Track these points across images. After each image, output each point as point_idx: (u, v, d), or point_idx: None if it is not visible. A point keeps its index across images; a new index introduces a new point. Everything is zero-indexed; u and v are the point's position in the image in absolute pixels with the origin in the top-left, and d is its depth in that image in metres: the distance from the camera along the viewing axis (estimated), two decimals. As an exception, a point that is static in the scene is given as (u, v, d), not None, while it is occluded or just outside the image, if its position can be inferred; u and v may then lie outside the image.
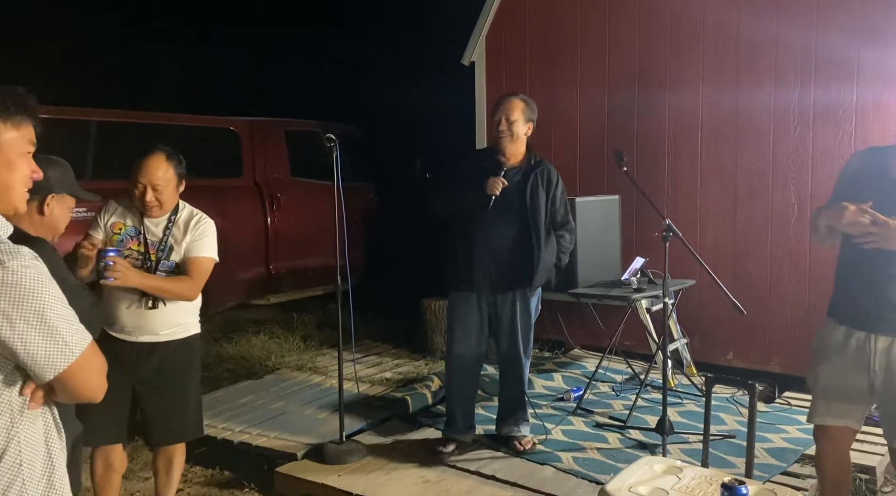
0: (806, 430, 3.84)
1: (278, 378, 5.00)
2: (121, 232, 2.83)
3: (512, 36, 5.65)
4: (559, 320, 5.39)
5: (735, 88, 4.76)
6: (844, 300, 2.54)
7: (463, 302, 3.63)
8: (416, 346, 5.65)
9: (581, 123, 5.40)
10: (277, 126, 6.40)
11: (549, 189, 3.62)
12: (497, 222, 3.51)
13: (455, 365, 3.70)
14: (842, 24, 4.40)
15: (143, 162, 2.81)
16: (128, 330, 2.79)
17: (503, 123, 3.54)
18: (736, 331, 4.75)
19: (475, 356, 3.70)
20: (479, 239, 3.53)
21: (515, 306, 3.63)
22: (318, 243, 6.03)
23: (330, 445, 3.65)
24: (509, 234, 3.54)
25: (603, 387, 4.62)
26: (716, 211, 4.90)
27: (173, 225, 2.87)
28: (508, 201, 3.52)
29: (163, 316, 2.82)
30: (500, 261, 3.54)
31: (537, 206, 3.55)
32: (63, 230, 2.34)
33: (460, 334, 3.65)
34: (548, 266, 3.62)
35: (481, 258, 3.54)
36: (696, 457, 3.46)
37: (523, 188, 3.55)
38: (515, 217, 3.55)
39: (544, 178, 3.61)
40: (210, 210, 5.14)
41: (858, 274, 2.48)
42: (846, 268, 2.55)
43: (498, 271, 3.55)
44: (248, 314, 6.66)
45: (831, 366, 2.53)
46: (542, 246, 3.55)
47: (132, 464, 3.71)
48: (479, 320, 3.64)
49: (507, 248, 3.54)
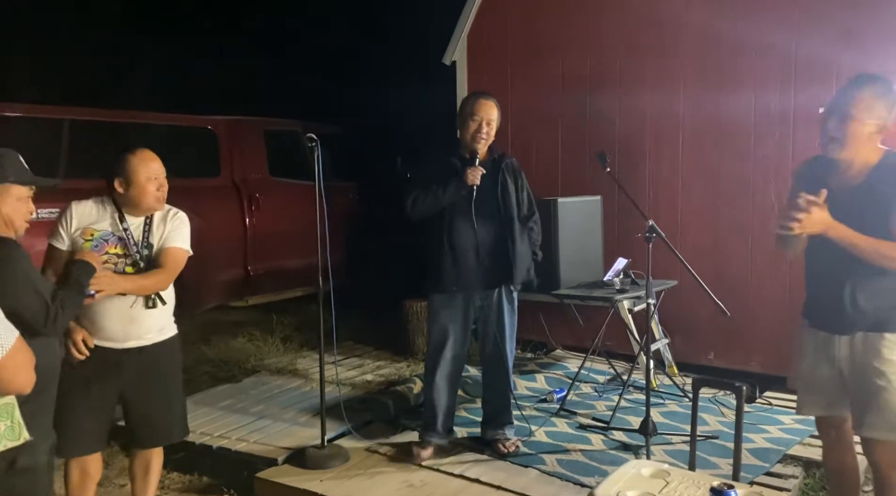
0: (787, 430, 3.88)
1: (258, 381, 4.93)
2: (92, 238, 2.73)
3: (493, 36, 5.63)
4: (541, 321, 5.39)
5: (716, 91, 4.78)
6: (808, 300, 2.64)
7: (447, 305, 3.56)
8: (398, 348, 5.60)
9: (563, 124, 5.39)
10: (256, 125, 6.31)
11: (517, 180, 3.62)
12: (475, 219, 3.46)
13: (438, 369, 3.62)
14: (821, 27, 4.43)
15: (148, 157, 2.81)
16: (115, 336, 2.73)
17: (483, 127, 3.48)
18: (717, 332, 4.77)
19: (459, 360, 3.65)
20: (460, 238, 3.48)
21: (502, 305, 3.60)
22: (297, 244, 5.94)
23: (311, 450, 3.59)
24: (488, 230, 3.50)
25: (586, 388, 4.61)
26: (697, 212, 4.92)
27: (151, 222, 2.84)
28: (483, 197, 3.48)
29: (152, 320, 2.78)
30: (482, 258, 3.50)
31: (509, 198, 3.54)
32: (22, 222, 2.26)
33: (444, 338, 3.58)
34: (526, 259, 3.60)
35: (464, 257, 3.49)
36: (680, 458, 3.47)
37: (494, 182, 3.53)
38: (491, 212, 3.51)
39: (511, 170, 3.60)
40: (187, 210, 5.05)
41: (817, 275, 2.58)
42: (808, 269, 2.64)
43: (481, 269, 3.51)
44: (227, 316, 6.56)
45: (807, 362, 2.63)
46: (518, 238, 3.53)
47: (107, 470, 3.63)
48: (464, 323, 3.59)
49: (488, 244, 3.50)
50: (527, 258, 3.62)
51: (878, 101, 2.36)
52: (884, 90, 2.38)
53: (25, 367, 1.58)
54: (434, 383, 3.64)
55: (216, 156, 5.83)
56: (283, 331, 6.12)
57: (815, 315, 2.59)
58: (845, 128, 2.38)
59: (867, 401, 2.44)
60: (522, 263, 3.57)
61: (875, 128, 2.37)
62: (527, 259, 3.62)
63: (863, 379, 2.45)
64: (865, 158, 2.42)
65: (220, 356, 5.50)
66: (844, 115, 2.38)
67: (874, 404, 2.42)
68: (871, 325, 2.42)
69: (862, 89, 2.39)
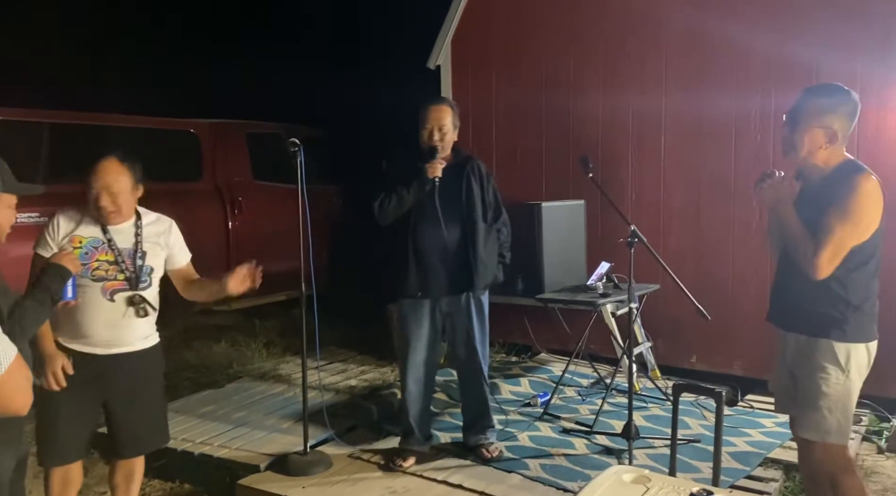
0: (768, 434, 3.90)
1: (240, 387, 4.90)
2: (81, 245, 2.69)
3: (477, 40, 5.64)
4: (526, 325, 5.39)
5: (697, 94, 4.82)
6: (770, 300, 2.76)
7: (415, 310, 3.54)
8: (382, 353, 5.58)
9: (547, 127, 5.40)
10: (239, 128, 6.28)
11: (482, 182, 3.56)
12: (439, 222, 3.44)
13: (409, 376, 3.61)
14: (801, 31, 4.47)
15: (98, 167, 2.71)
16: (101, 343, 2.70)
17: (436, 134, 3.44)
18: (699, 335, 4.80)
19: (430, 366, 3.63)
20: (424, 241, 3.45)
21: (470, 309, 3.56)
22: (281, 248, 5.90)
23: (294, 456, 3.57)
24: (453, 234, 3.47)
25: (569, 392, 4.62)
26: (679, 215, 4.95)
27: (142, 230, 2.79)
28: (447, 200, 3.46)
29: (139, 326, 2.76)
30: (447, 262, 3.47)
31: (473, 200, 3.50)
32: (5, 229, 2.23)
33: (413, 344, 3.57)
34: (490, 262, 3.56)
35: (429, 261, 3.46)
36: (662, 462, 3.48)
37: (458, 185, 3.50)
38: (456, 215, 3.48)
39: (476, 172, 3.56)
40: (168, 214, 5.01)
41: (779, 276, 2.70)
42: (776, 272, 2.75)
43: (447, 274, 3.48)
44: (210, 321, 6.51)
45: (776, 362, 2.74)
46: (480, 240, 3.49)
47: (87, 478, 3.58)
48: (433, 328, 3.56)
49: (453, 248, 3.47)
50: (491, 262, 3.57)
51: (828, 112, 2.44)
52: (836, 101, 2.46)
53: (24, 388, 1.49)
54: (407, 389, 3.63)
55: (198, 159, 5.79)
56: (266, 336, 6.08)
57: (773, 311, 2.72)
58: (796, 135, 2.48)
59: (804, 404, 2.53)
60: (485, 268, 3.51)
61: (825, 137, 2.45)
62: (491, 263, 3.57)
63: (801, 381, 2.55)
64: (824, 165, 2.50)
65: (202, 361, 5.46)
66: (795, 123, 2.49)
67: (806, 405, 2.52)
68: (812, 330, 2.51)
69: (813, 99, 2.49)
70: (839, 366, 2.46)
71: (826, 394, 2.47)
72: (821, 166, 2.50)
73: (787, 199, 2.49)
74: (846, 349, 2.46)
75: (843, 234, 2.38)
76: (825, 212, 2.40)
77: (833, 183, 2.44)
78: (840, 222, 2.37)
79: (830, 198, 2.41)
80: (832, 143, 2.46)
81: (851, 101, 2.47)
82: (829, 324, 2.47)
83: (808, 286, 2.47)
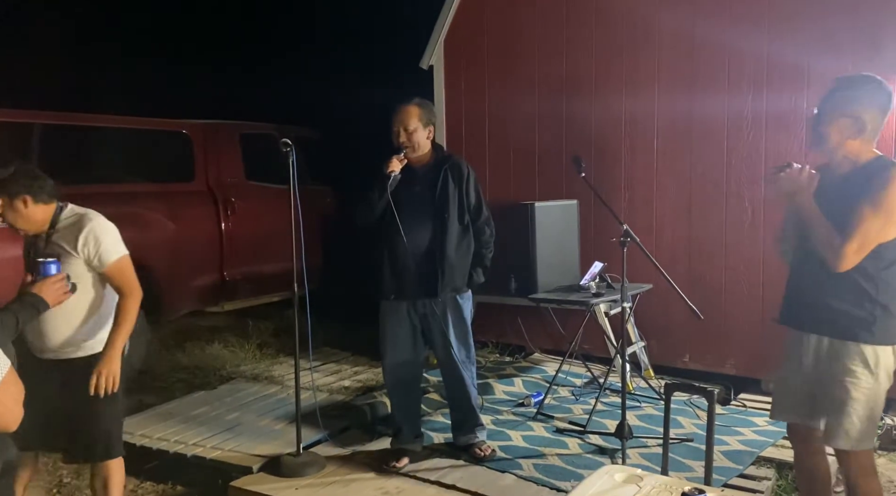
0: (761, 433, 3.91)
1: (233, 388, 4.88)
2: None
3: (470, 40, 5.64)
4: (519, 324, 5.39)
5: (690, 95, 4.83)
6: (785, 298, 2.68)
7: (392, 312, 3.55)
8: (376, 353, 5.54)
9: (539, 128, 5.41)
10: (232, 129, 6.26)
11: (461, 182, 3.51)
12: (413, 224, 3.44)
13: (391, 377, 3.63)
14: (793, 31, 4.49)
15: None
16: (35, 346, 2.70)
17: (402, 135, 3.45)
18: (692, 334, 4.80)
19: (411, 366, 3.63)
20: (399, 243, 3.44)
21: (446, 312, 3.54)
22: (274, 248, 5.88)
23: (287, 457, 3.56)
24: (425, 235, 3.47)
25: (563, 392, 4.62)
26: (672, 215, 4.96)
27: (56, 232, 2.70)
28: (420, 201, 3.46)
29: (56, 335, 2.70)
30: (419, 264, 3.46)
31: (445, 202, 3.47)
32: None
33: (392, 346, 3.58)
34: (461, 265, 3.53)
35: (403, 264, 3.46)
36: (655, 461, 3.48)
37: (433, 185, 3.48)
38: (428, 216, 3.47)
39: (455, 172, 3.52)
40: (161, 215, 5.00)
41: (795, 275, 2.62)
42: (791, 270, 2.67)
43: (419, 276, 3.47)
44: (202, 322, 6.49)
45: (782, 365, 2.65)
46: (450, 243, 3.46)
47: (78, 480, 3.58)
48: (411, 329, 3.56)
49: (425, 250, 3.46)
50: (461, 265, 3.53)
51: (856, 100, 2.40)
52: (866, 91, 2.41)
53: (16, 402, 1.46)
54: (392, 390, 3.65)
55: (191, 160, 5.77)
56: (259, 337, 6.07)
57: (787, 312, 2.63)
58: (825, 126, 2.44)
59: (832, 411, 2.45)
60: (452, 272, 3.48)
61: (854, 127, 2.40)
62: (461, 266, 3.53)
63: (828, 388, 2.46)
64: (854, 158, 2.45)
65: (194, 363, 5.44)
66: (822, 112, 2.45)
67: (834, 412, 2.44)
68: (837, 332, 2.44)
69: (842, 89, 2.44)
70: (868, 368, 2.39)
71: (855, 399, 2.39)
72: (851, 158, 2.45)
73: (807, 190, 2.42)
74: (874, 351, 2.39)
75: (874, 226, 2.32)
76: (856, 203, 2.34)
77: (865, 176, 2.38)
78: (872, 214, 2.31)
79: (862, 190, 2.35)
80: (861, 134, 2.40)
81: (883, 92, 2.40)
82: (857, 325, 2.39)
83: (833, 284, 2.40)
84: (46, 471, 3.69)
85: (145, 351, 5.15)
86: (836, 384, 2.42)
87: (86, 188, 4.96)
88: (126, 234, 2.86)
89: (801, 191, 2.43)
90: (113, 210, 5.47)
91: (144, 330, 5.11)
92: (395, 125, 3.48)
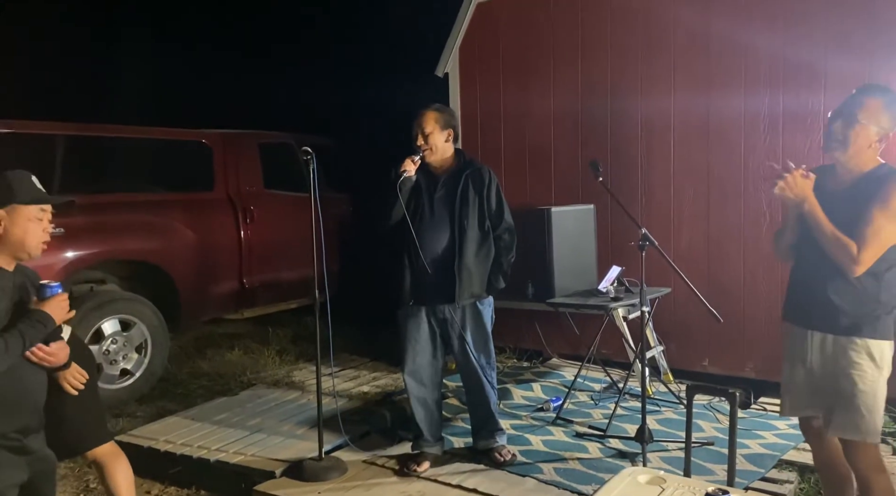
0: (782, 436, 3.89)
1: (254, 394, 4.93)
2: None
3: (485, 47, 5.67)
4: (537, 330, 5.40)
5: (706, 96, 4.82)
6: (788, 296, 2.73)
7: (412, 317, 3.58)
8: (394, 359, 5.58)
9: (555, 133, 5.43)
10: (250, 138, 6.33)
11: (481, 189, 3.53)
12: (433, 230, 3.47)
13: (410, 382, 3.66)
14: (809, 32, 4.48)
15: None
16: None
17: (420, 138, 3.50)
18: (711, 338, 4.79)
19: (431, 371, 3.64)
20: (417, 249, 3.47)
21: (464, 318, 3.56)
22: (292, 256, 5.96)
23: (309, 462, 3.60)
24: (443, 241, 3.49)
25: (581, 396, 4.63)
26: (689, 218, 4.95)
27: None
28: (440, 207, 3.49)
29: None
30: (438, 270, 3.48)
31: (465, 209, 3.49)
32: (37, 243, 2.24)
33: (412, 350, 3.60)
34: (479, 272, 3.53)
35: (422, 270, 3.48)
36: (676, 465, 3.48)
37: (454, 191, 3.51)
38: (448, 222, 3.50)
39: (476, 179, 3.54)
40: (181, 224, 5.06)
41: (800, 271, 2.66)
42: (793, 267, 2.71)
43: (438, 282, 3.48)
44: (222, 329, 6.57)
45: (786, 362, 2.71)
46: (468, 250, 3.48)
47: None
48: (431, 334, 3.59)
49: (444, 256, 3.49)
50: (479, 272, 3.53)
51: (883, 110, 2.44)
52: (890, 100, 2.46)
53: None
54: (411, 393, 3.68)
55: (210, 169, 5.84)
56: (278, 344, 6.12)
57: (791, 310, 2.69)
58: (849, 131, 2.45)
59: (836, 402, 2.52)
60: (469, 278, 3.49)
61: (877, 135, 2.44)
62: (479, 273, 3.53)
63: (832, 381, 2.53)
64: (862, 165, 2.49)
65: (215, 369, 5.50)
66: (850, 118, 2.46)
67: (841, 405, 2.50)
68: (842, 329, 2.49)
69: (870, 96, 2.47)
70: (874, 362, 2.46)
71: (863, 392, 2.46)
72: (859, 165, 2.48)
73: (808, 195, 2.44)
74: (879, 346, 2.47)
75: (888, 230, 2.37)
76: (866, 209, 2.37)
77: (874, 182, 2.43)
78: (886, 219, 2.36)
79: (872, 196, 2.39)
80: (881, 144, 2.45)
81: None
82: (863, 321, 2.46)
83: (840, 284, 2.46)
84: (73, 476, 3.76)
85: (166, 358, 5.22)
86: (843, 377, 2.49)
87: (108, 197, 5.08)
88: (148, 242, 2.90)
89: (806, 198, 2.45)
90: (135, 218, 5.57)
91: (165, 337, 5.19)
92: (413, 129, 3.54)
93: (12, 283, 2.26)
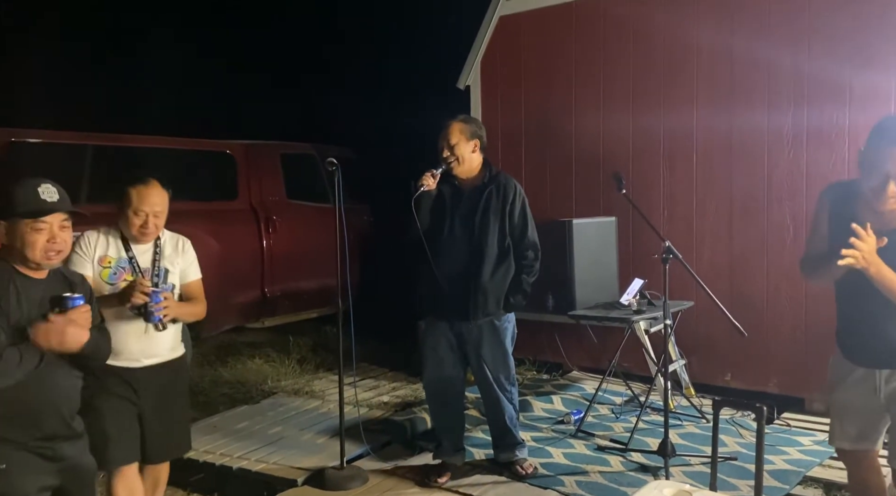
0: (807, 452, 3.85)
1: (275, 402, 4.96)
2: (110, 265, 2.79)
3: (507, 60, 5.71)
4: (557, 342, 5.39)
5: (729, 111, 4.82)
6: (846, 333, 2.58)
7: (432, 329, 3.59)
8: (414, 369, 5.61)
9: (576, 146, 5.44)
10: (273, 149, 6.41)
11: (505, 205, 3.48)
12: (451, 247, 3.46)
13: (431, 393, 3.68)
14: (833, 47, 4.46)
15: (143, 191, 2.80)
16: (134, 356, 2.78)
17: (445, 150, 3.50)
18: (734, 353, 4.76)
19: (451, 382, 3.63)
20: (436, 263, 3.46)
21: (481, 335, 3.53)
22: (313, 266, 6.01)
23: (330, 471, 3.61)
24: (463, 257, 3.46)
25: (602, 410, 4.60)
26: (712, 232, 4.93)
27: (161, 249, 2.89)
28: (462, 222, 3.48)
29: (166, 338, 2.85)
30: (456, 286, 3.45)
31: (485, 228, 3.46)
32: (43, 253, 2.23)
33: (432, 362, 3.61)
34: (496, 290, 3.47)
35: (441, 284, 3.45)
36: (698, 480, 3.45)
37: (475, 209, 3.48)
38: (468, 238, 3.47)
39: (500, 194, 3.48)
40: (205, 233, 5.13)
41: (855, 310, 2.51)
42: (846, 302, 2.56)
43: (455, 297, 3.46)
44: (243, 337, 6.61)
45: (843, 395, 2.59)
46: (486, 268, 3.44)
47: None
48: (450, 346, 3.57)
49: (462, 272, 3.46)
50: (497, 290, 3.47)
51: None
52: None
53: None
54: (432, 405, 3.69)
55: (234, 179, 5.92)
56: (299, 353, 6.14)
57: (855, 351, 2.54)
58: (887, 187, 2.28)
59: None
60: (485, 297, 3.44)
61: None
62: (496, 291, 3.47)
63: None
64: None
65: (237, 377, 5.53)
66: (883, 175, 2.29)
67: None
68: None
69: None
70: None
71: None
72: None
73: (876, 260, 2.24)
74: None
75: None
76: None
77: None
78: None
79: None
80: None
81: None
82: None
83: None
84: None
85: (188, 365, 5.26)
86: None
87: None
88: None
89: (876, 262, 2.24)
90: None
91: (188, 345, 5.23)
92: (439, 142, 3.54)
93: (42, 292, 2.29)
